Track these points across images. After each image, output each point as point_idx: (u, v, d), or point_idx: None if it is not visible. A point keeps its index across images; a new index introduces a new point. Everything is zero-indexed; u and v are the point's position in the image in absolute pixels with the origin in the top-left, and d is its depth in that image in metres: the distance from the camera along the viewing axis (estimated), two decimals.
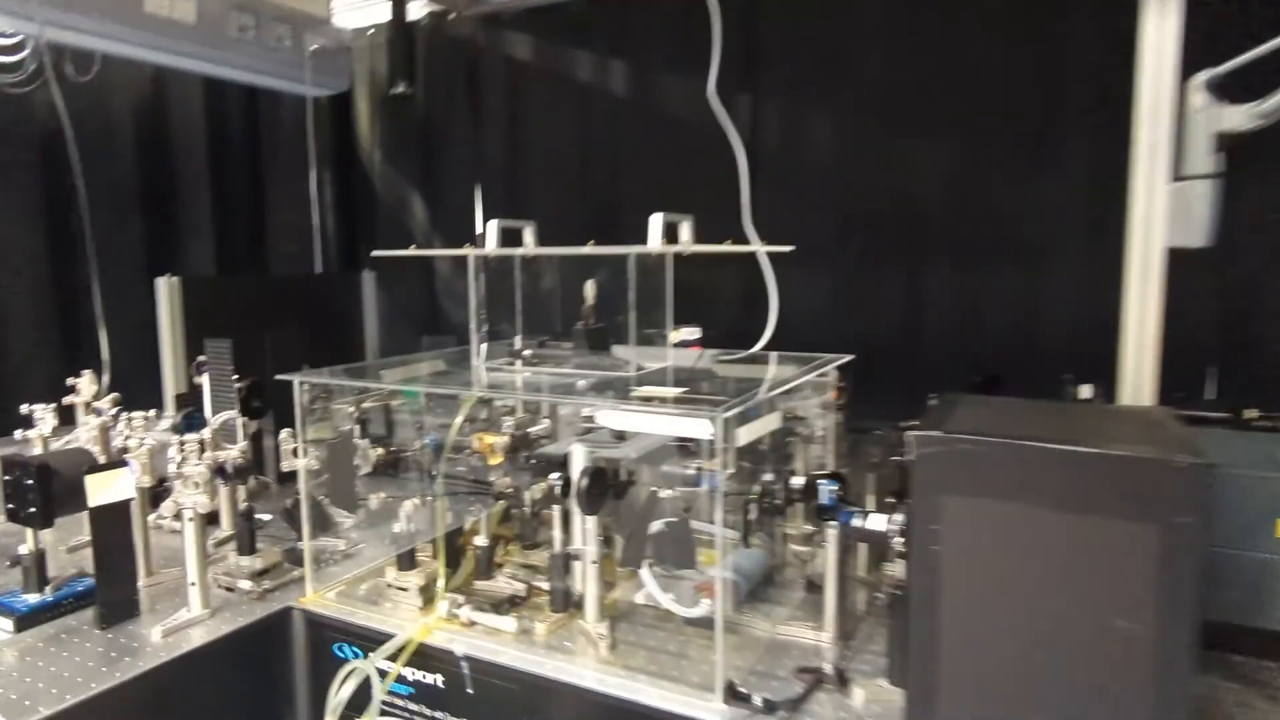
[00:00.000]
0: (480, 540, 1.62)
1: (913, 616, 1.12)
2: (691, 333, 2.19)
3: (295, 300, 3.59)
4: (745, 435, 1.30)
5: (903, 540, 1.22)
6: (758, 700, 1.23)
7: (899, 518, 1.23)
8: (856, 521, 1.29)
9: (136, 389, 2.52)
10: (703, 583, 1.50)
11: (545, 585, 1.65)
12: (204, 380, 2.31)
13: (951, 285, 2.91)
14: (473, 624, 1.52)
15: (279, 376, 1.60)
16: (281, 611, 1.63)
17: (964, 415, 1.20)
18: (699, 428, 1.17)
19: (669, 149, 3.23)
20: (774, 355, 1.74)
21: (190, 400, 2.33)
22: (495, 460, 1.68)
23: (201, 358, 2.26)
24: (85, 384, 2.27)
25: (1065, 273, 2.69)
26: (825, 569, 1.45)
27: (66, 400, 2.19)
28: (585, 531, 1.48)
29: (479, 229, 3.61)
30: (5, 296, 3.13)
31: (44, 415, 2.14)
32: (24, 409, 2.15)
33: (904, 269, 2.99)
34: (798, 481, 1.47)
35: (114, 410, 2.09)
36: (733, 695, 1.24)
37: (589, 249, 1.39)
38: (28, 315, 3.24)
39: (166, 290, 2.95)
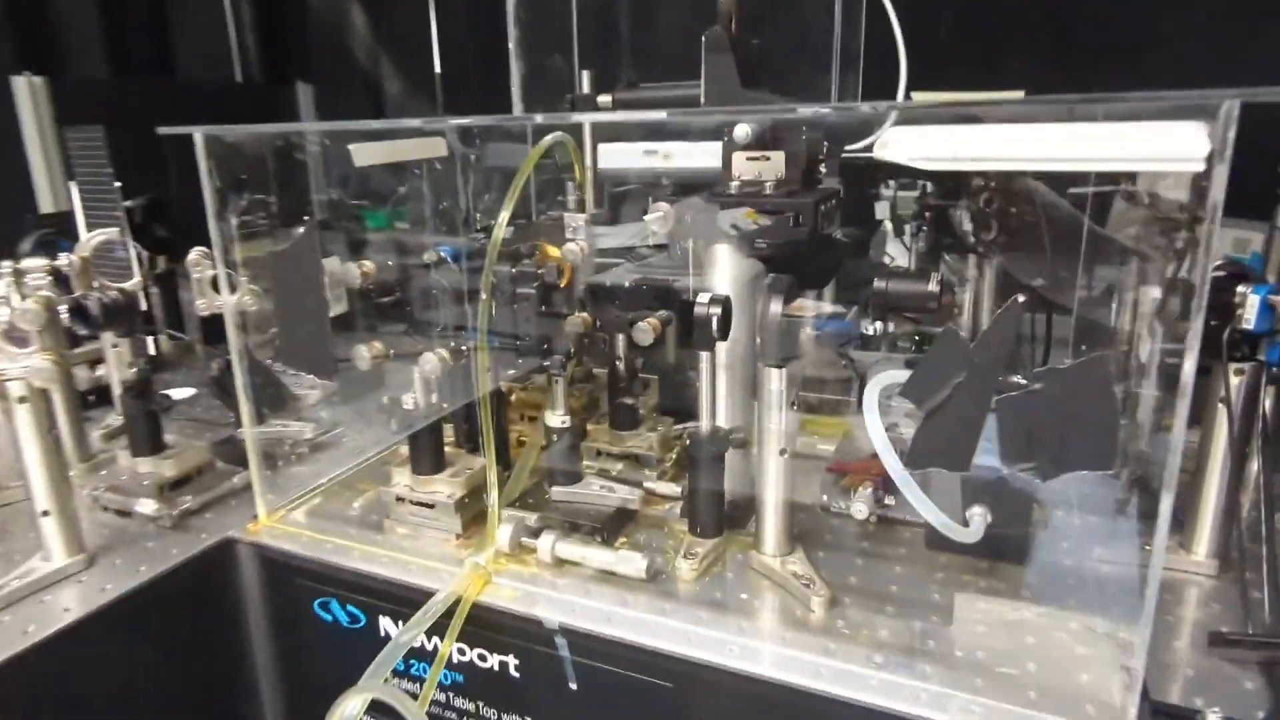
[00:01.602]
0: (555, 418, 0.94)
1: None
2: None
3: (210, 114, 2.76)
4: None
5: None
6: None
7: None
8: None
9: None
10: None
11: (663, 488, 1.00)
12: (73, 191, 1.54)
13: None
14: (561, 563, 0.87)
15: (164, 130, 0.84)
16: (217, 548, 0.95)
17: None
18: (1185, 140, 0.48)
19: None
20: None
21: (54, 222, 1.56)
22: (567, 280, 0.97)
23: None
24: None
25: None
26: (1209, 448, 0.80)
27: None
28: (769, 395, 0.80)
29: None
30: None
31: None
32: None
33: None
34: (1150, 293, 0.79)
35: None
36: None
37: None
38: None
39: (28, 93, 2.17)
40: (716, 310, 0.80)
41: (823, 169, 0.92)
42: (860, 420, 1.21)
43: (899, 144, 0.54)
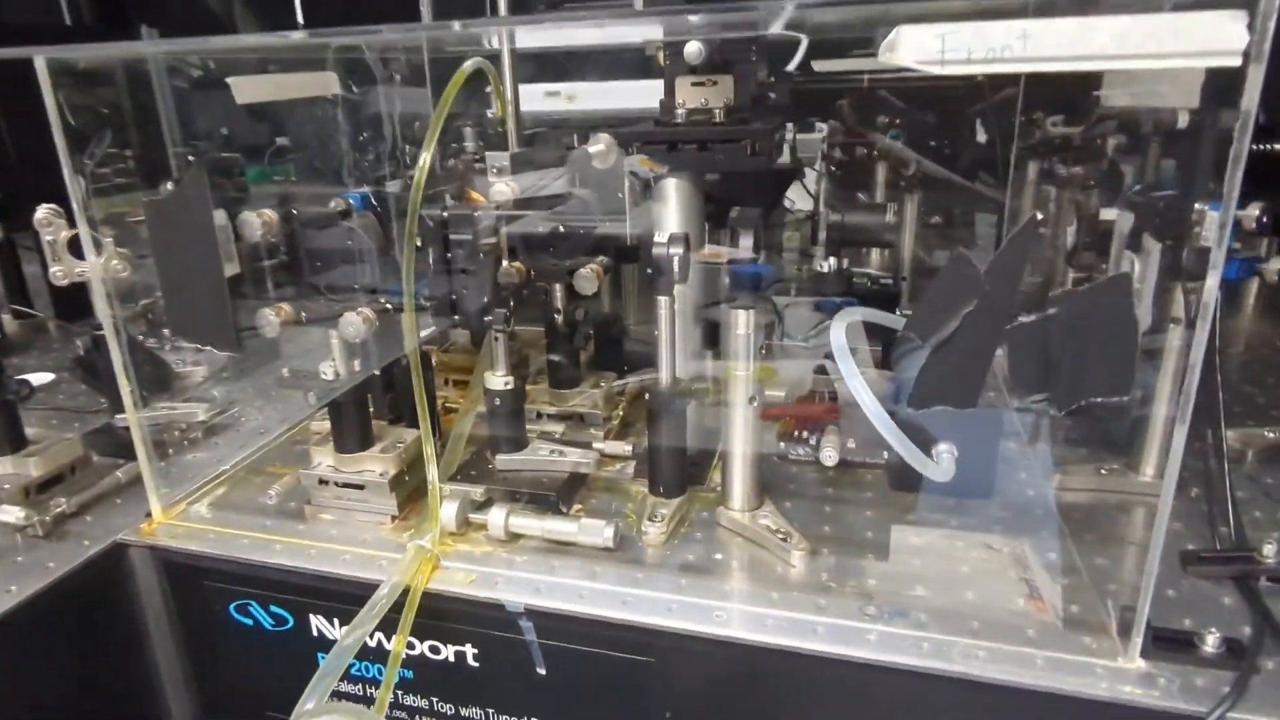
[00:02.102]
0: (498, 380, 0.85)
1: None
2: None
3: (32, 63, 2.42)
4: None
5: None
6: (1211, 643, 0.60)
7: None
8: None
9: None
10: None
11: (613, 448, 0.94)
12: None
13: None
14: (515, 539, 0.79)
15: None
16: (105, 555, 0.82)
17: None
18: (1220, 31, 0.44)
19: None
20: None
21: None
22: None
23: None
24: None
25: None
26: (1160, 368, 0.81)
27: None
28: (737, 340, 0.74)
29: None
30: None
31: None
32: None
33: None
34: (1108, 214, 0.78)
35: None
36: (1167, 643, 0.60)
37: None
38: None
39: None
40: (678, 250, 0.73)
41: (772, 95, 0.85)
42: (786, 363, 1.19)
43: (908, 45, 0.48)
